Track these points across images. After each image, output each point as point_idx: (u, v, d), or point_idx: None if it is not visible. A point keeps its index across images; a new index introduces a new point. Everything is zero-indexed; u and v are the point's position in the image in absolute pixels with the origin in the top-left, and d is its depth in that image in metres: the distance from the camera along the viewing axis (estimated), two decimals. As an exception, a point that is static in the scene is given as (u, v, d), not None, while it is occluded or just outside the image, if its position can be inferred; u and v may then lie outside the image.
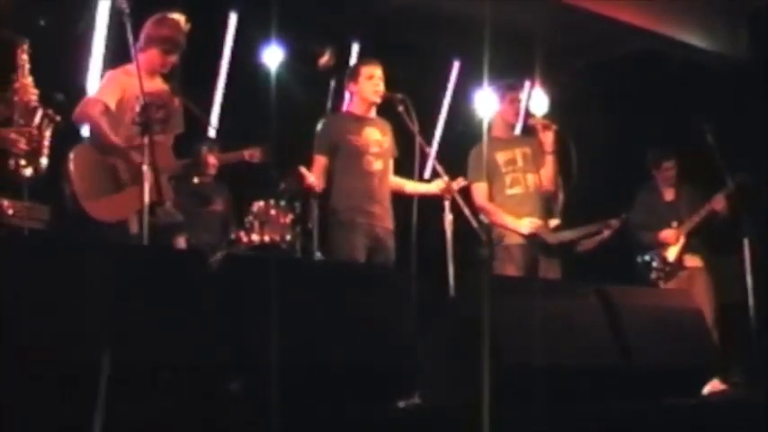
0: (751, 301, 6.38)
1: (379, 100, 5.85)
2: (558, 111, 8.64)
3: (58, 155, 4.95)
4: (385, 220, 5.85)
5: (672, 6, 8.34)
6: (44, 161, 4.74)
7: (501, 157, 6.31)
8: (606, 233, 7.24)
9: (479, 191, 6.28)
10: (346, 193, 5.80)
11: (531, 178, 6.29)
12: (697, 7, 8.55)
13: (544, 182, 6.32)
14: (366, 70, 5.91)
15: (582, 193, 7.13)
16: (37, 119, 4.72)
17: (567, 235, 6.77)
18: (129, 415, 2.88)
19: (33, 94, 4.76)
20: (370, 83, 5.86)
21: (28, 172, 4.67)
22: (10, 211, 4.71)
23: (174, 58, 5.41)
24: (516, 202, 6.24)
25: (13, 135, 4.64)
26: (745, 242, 6.45)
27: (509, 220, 6.19)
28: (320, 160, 5.87)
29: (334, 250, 5.80)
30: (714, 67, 8.79)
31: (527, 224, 6.16)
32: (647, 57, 8.82)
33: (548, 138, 6.27)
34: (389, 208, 5.91)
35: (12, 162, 4.65)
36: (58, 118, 4.80)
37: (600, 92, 8.89)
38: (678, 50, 8.64)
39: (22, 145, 4.64)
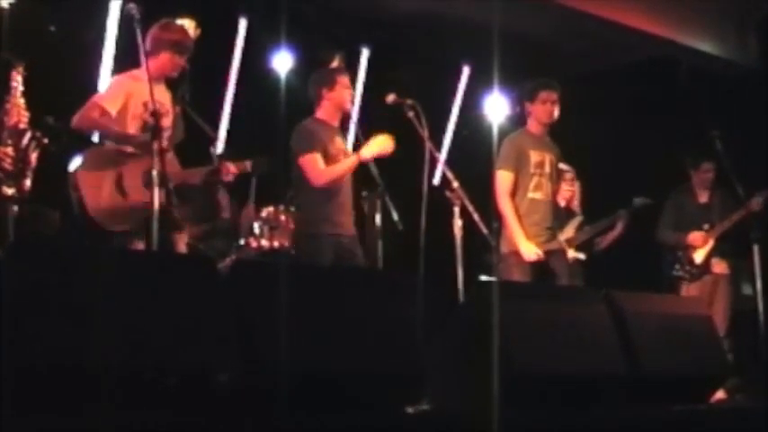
0: (761, 306, 6.36)
1: (350, 108, 5.93)
2: (567, 117, 8.63)
3: (63, 163, 4.97)
4: (350, 227, 5.83)
5: (681, 13, 8.36)
6: (28, 183, 4.73)
7: (534, 156, 6.22)
8: (620, 225, 7.27)
9: (504, 180, 6.13)
10: (317, 203, 5.72)
11: (550, 187, 6.26)
12: (706, 14, 8.56)
13: (568, 198, 6.37)
14: (344, 80, 5.89)
15: (588, 199, 7.15)
16: (25, 140, 4.73)
17: (577, 238, 6.80)
18: (134, 421, 2.89)
19: (23, 116, 4.78)
20: (348, 92, 5.88)
21: (10, 192, 4.67)
22: (15, 207, 4.71)
23: (183, 61, 5.43)
24: (533, 206, 6.18)
25: None
26: (755, 248, 6.44)
27: (518, 235, 6.05)
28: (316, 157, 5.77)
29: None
30: (723, 74, 8.79)
31: (531, 253, 6.02)
32: (656, 63, 8.83)
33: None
34: (351, 215, 5.91)
35: None
36: (46, 140, 4.80)
37: (609, 98, 8.89)
38: (687, 57, 8.65)
39: (7, 165, 4.64)
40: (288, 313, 3.42)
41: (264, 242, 6.55)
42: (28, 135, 4.74)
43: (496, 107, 8.80)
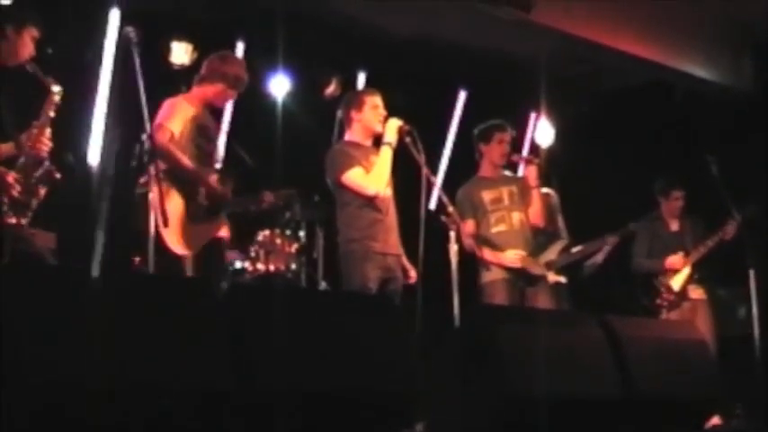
0: (756, 332, 6.36)
1: (381, 130, 5.82)
2: (563, 142, 8.67)
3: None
4: (395, 247, 5.81)
5: (676, 38, 8.39)
6: (29, 215, 4.60)
7: (487, 195, 6.38)
8: (605, 250, 7.25)
9: (464, 228, 6.28)
10: (361, 223, 5.69)
11: (516, 216, 6.34)
12: (701, 39, 8.59)
13: (532, 217, 6.40)
14: (371, 100, 5.85)
15: (586, 222, 7.14)
16: (39, 172, 4.64)
17: (559, 261, 6.80)
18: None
19: (46, 146, 4.68)
20: (376, 113, 5.82)
21: (12, 221, 4.53)
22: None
23: (234, 96, 5.57)
24: (501, 239, 6.30)
25: (10, 179, 4.51)
26: (751, 273, 6.43)
27: (495, 254, 6.25)
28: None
29: (346, 281, 5.65)
30: (718, 99, 8.83)
31: (512, 257, 6.22)
32: (651, 88, 8.87)
33: (531, 172, 6.37)
34: (398, 235, 5.87)
35: None
36: (58, 176, 4.69)
37: (605, 123, 8.92)
38: (682, 82, 8.68)
39: (15, 193, 4.52)
40: (284, 336, 3.43)
41: (260, 266, 6.54)
42: (44, 166, 4.64)
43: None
